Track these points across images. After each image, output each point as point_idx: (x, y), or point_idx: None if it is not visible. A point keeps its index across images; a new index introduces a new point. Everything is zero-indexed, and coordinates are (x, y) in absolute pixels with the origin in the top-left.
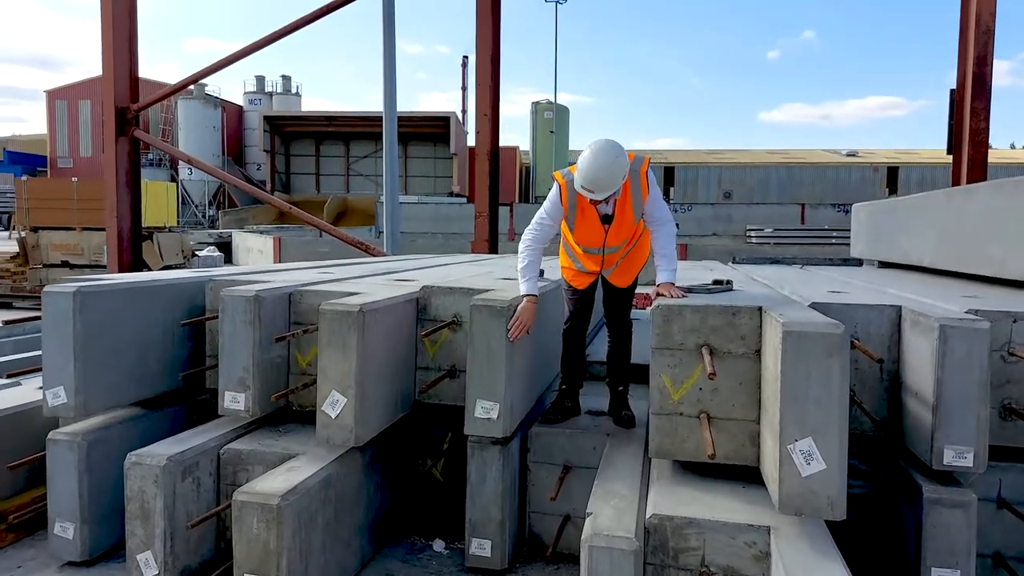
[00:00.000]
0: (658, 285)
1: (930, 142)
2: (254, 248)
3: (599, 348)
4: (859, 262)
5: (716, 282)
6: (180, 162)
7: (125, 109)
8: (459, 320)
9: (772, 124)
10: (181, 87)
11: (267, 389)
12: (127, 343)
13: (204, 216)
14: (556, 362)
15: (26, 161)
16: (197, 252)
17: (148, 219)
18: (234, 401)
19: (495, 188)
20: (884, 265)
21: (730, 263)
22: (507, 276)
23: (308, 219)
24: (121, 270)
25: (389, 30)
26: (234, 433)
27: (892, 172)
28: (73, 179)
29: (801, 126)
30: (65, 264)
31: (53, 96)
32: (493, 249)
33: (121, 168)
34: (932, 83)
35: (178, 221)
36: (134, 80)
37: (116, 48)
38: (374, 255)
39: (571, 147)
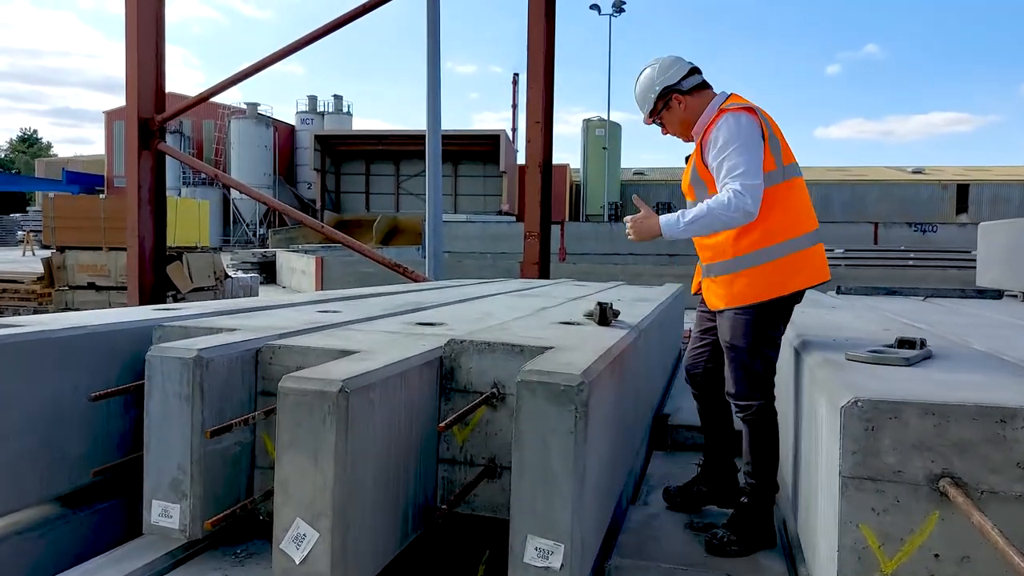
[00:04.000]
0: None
1: (1000, 158)
2: (297, 268)
3: (679, 403)
4: (997, 293)
5: (903, 342)
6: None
7: (149, 120)
8: (501, 392)
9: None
10: (207, 96)
11: (214, 496)
12: (28, 419)
13: (255, 235)
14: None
15: (84, 181)
16: (232, 274)
17: (178, 238)
18: (164, 515)
19: (547, 204)
20: None
21: (832, 294)
22: (568, 319)
23: (344, 239)
24: (143, 292)
25: (434, 44)
26: (165, 562)
27: (962, 189)
28: (101, 195)
29: (861, 143)
30: (92, 286)
31: (112, 117)
32: (544, 273)
33: (144, 183)
34: (999, 98)
35: (228, 239)
36: (160, 90)
37: (141, 55)
38: (414, 279)
39: (623, 164)
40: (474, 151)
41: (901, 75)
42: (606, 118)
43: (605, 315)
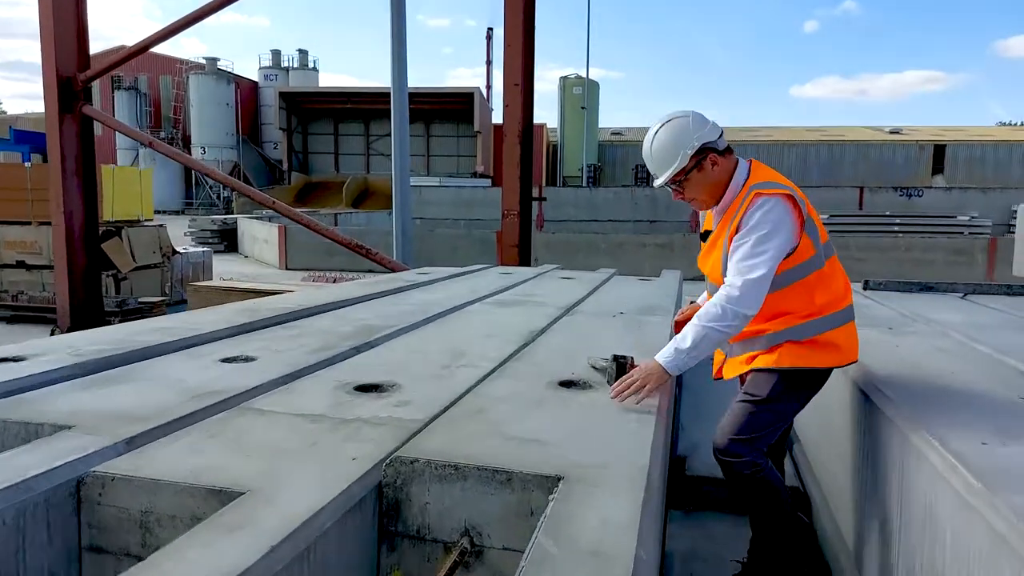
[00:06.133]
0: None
1: (973, 118)
2: (259, 237)
3: (693, 435)
4: None
5: None
6: (194, 140)
7: (71, 79)
8: (476, 544)
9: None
10: (142, 49)
11: None
12: None
13: (219, 198)
14: None
15: (36, 141)
16: (183, 249)
17: (117, 212)
18: None
19: (527, 179)
20: None
21: (857, 289)
22: (571, 373)
23: (298, 217)
24: (74, 274)
25: None
26: None
27: (938, 150)
28: (26, 163)
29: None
30: (21, 264)
31: None
32: (525, 256)
33: (69, 151)
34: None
35: (192, 202)
36: (83, 44)
37: (57, 2)
38: (379, 262)
39: (601, 124)
40: (447, 110)
41: (876, 32)
42: (585, 76)
43: (623, 373)
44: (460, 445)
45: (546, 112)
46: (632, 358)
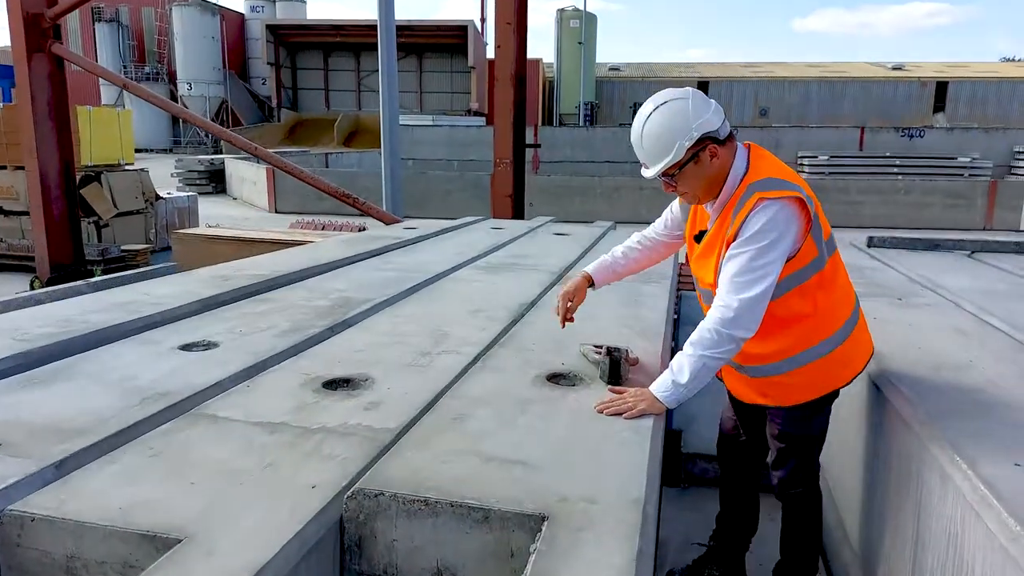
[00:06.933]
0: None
1: (978, 54)
2: (248, 179)
3: (689, 407)
4: None
5: None
6: (179, 76)
7: (39, 16)
8: None
9: (807, 33)
10: None
11: None
12: None
13: (207, 136)
14: None
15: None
16: (166, 194)
17: (95, 156)
18: None
19: (521, 125)
20: None
21: (861, 246)
22: (562, 365)
23: (283, 165)
24: (51, 222)
25: None
26: None
27: (941, 88)
28: (4, 103)
29: (838, 36)
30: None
31: None
32: (519, 208)
33: (40, 93)
34: None
35: (179, 141)
36: None
37: None
38: (366, 212)
39: (599, 59)
40: (440, 44)
41: None
42: (582, 8)
43: (617, 371)
44: (433, 468)
45: (542, 46)
46: (627, 352)
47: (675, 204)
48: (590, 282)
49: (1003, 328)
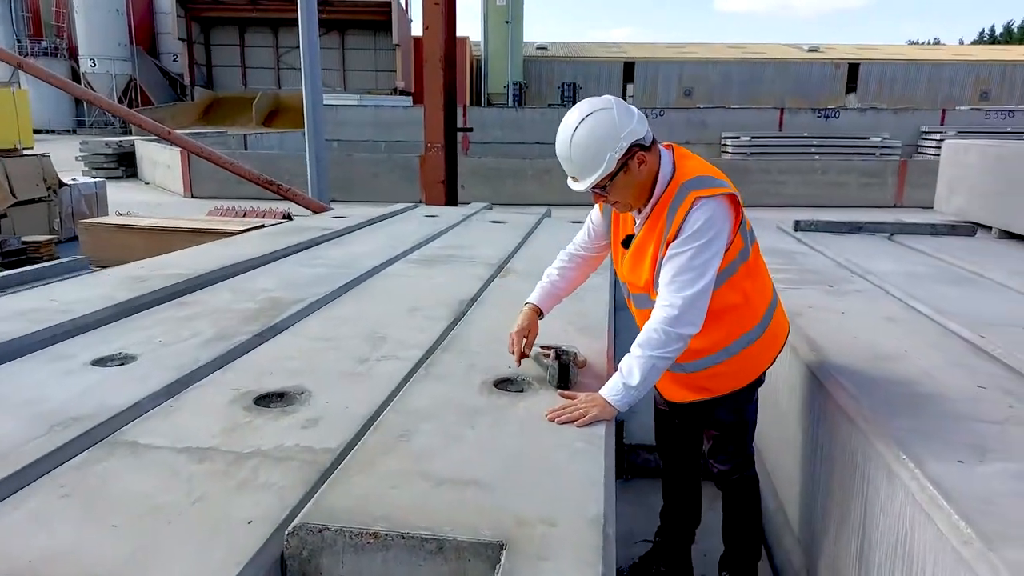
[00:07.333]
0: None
1: (888, 37)
2: (161, 162)
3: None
4: (970, 229)
5: None
6: (81, 51)
7: None
8: None
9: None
10: None
11: None
12: None
13: (115, 116)
14: None
15: None
16: (71, 180)
17: None
18: None
19: (452, 108)
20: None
21: (788, 229)
22: (509, 370)
23: (197, 149)
24: None
25: None
26: None
27: (853, 69)
28: None
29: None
30: None
31: None
32: (452, 195)
33: None
34: None
35: (83, 121)
36: None
37: None
38: (290, 198)
39: (527, 38)
40: (363, 20)
41: None
42: None
43: (566, 375)
44: (380, 495)
45: (470, 23)
46: (575, 354)
47: (594, 213)
48: (539, 313)
49: (928, 313)
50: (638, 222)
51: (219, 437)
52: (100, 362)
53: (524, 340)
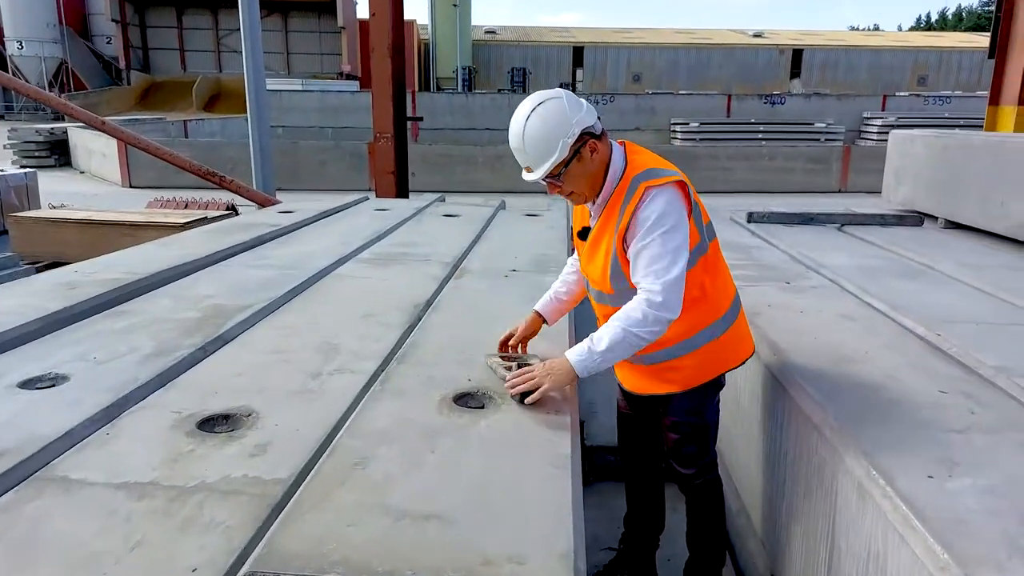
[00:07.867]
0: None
1: (829, 23)
2: (96, 150)
3: (587, 390)
4: (918, 219)
5: None
6: (7, 33)
7: None
8: None
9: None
10: None
11: None
12: None
13: None
14: None
15: None
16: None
17: None
18: None
19: (401, 97)
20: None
21: (742, 221)
22: (468, 383)
23: (133, 140)
24: None
25: None
26: None
27: (796, 55)
28: None
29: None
30: None
31: None
32: (402, 187)
33: None
34: None
35: (11, 106)
36: None
37: None
38: (233, 190)
39: (475, 22)
40: (307, 2)
41: None
42: None
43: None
44: (338, 534)
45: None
46: (539, 361)
47: None
48: (543, 319)
49: (884, 310)
50: (593, 215)
51: (160, 469)
52: (28, 384)
53: (513, 337)
